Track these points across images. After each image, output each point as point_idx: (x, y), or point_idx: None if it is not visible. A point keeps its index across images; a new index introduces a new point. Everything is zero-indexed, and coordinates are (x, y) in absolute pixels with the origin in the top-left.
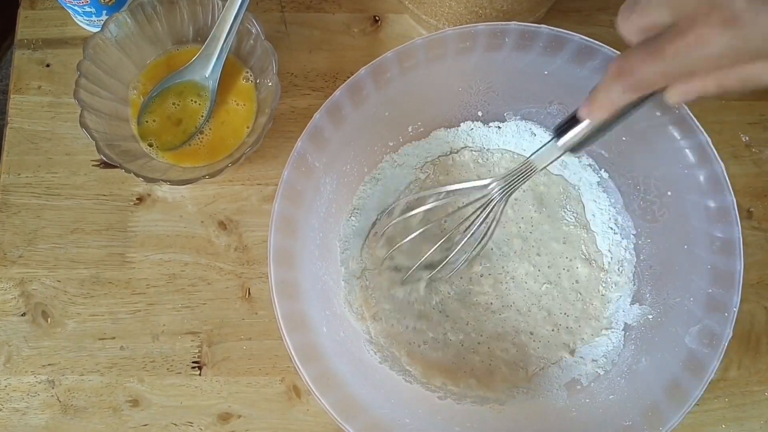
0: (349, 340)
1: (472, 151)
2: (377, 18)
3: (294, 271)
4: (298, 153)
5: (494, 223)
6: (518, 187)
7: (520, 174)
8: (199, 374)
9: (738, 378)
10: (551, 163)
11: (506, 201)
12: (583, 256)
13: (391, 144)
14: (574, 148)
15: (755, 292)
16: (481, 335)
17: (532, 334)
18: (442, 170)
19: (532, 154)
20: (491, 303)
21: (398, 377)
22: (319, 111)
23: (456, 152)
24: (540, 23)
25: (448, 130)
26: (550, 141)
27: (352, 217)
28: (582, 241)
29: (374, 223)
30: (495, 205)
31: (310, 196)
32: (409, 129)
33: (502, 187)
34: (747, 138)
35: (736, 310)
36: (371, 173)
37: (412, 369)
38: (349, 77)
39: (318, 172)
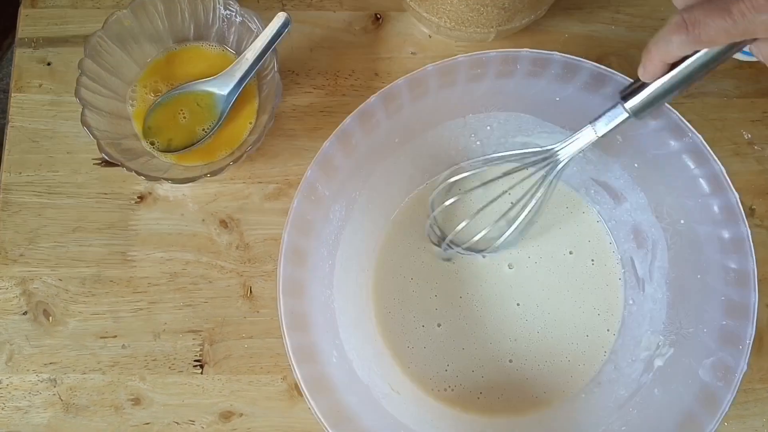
0: (358, 368)
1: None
2: (379, 16)
3: (303, 301)
4: (308, 182)
5: (545, 195)
6: (575, 156)
7: (580, 140)
8: (201, 373)
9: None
10: (614, 129)
11: (560, 173)
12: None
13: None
14: (639, 112)
15: (759, 290)
16: (511, 360)
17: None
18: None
19: (594, 119)
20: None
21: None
22: (329, 139)
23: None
24: (541, 21)
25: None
26: (614, 105)
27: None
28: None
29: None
30: (549, 174)
31: (319, 225)
32: (419, 158)
33: (560, 152)
34: (749, 135)
35: (750, 342)
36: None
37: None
38: (350, 75)
39: (328, 201)
